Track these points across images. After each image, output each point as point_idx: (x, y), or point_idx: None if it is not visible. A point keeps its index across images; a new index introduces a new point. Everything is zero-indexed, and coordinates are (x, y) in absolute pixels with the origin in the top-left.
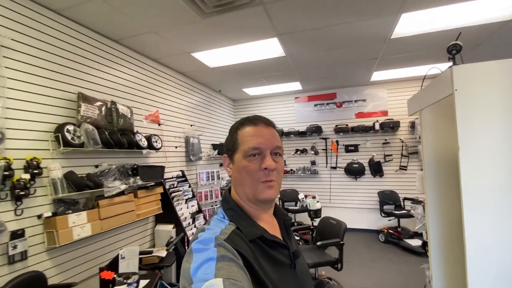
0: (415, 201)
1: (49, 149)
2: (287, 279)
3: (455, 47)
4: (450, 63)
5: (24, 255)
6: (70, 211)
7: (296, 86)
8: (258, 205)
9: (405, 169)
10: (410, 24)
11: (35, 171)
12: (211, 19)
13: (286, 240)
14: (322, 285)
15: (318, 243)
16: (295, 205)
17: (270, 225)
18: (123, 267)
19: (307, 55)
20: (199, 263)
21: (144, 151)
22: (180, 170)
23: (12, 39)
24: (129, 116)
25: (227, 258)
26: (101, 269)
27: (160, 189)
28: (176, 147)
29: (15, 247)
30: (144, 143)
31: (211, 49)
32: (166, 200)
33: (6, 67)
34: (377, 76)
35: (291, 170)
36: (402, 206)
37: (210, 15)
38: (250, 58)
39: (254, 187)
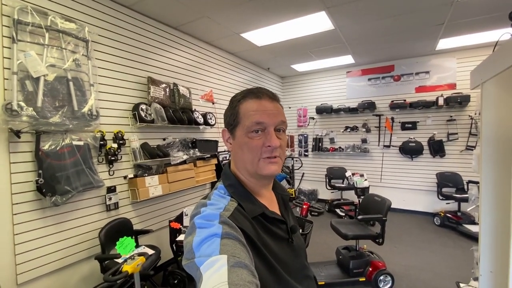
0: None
1: (128, 124)
2: (285, 252)
3: None
4: None
5: (116, 205)
6: (146, 174)
7: (348, 59)
8: (259, 180)
9: (473, 149)
10: None
11: (120, 142)
12: None
13: (284, 216)
14: (362, 257)
15: (359, 217)
16: (342, 183)
17: (270, 201)
18: (186, 222)
19: (359, 26)
20: (202, 238)
21: (201, 127)
22: None
23: (99, 35)
24: (188, 96)
25: (231, 235)
26: (170, 221)
27: (214, 161)
28: None
29: (110, 199)
30: (200, 120)
31: (259, 28)
32: (220, 171)
33: (96, 59)
34: (444, 44)
35: (340, 147)
36: (466, 190)
37: None
38: (298, 34)
39: (256, 163)
